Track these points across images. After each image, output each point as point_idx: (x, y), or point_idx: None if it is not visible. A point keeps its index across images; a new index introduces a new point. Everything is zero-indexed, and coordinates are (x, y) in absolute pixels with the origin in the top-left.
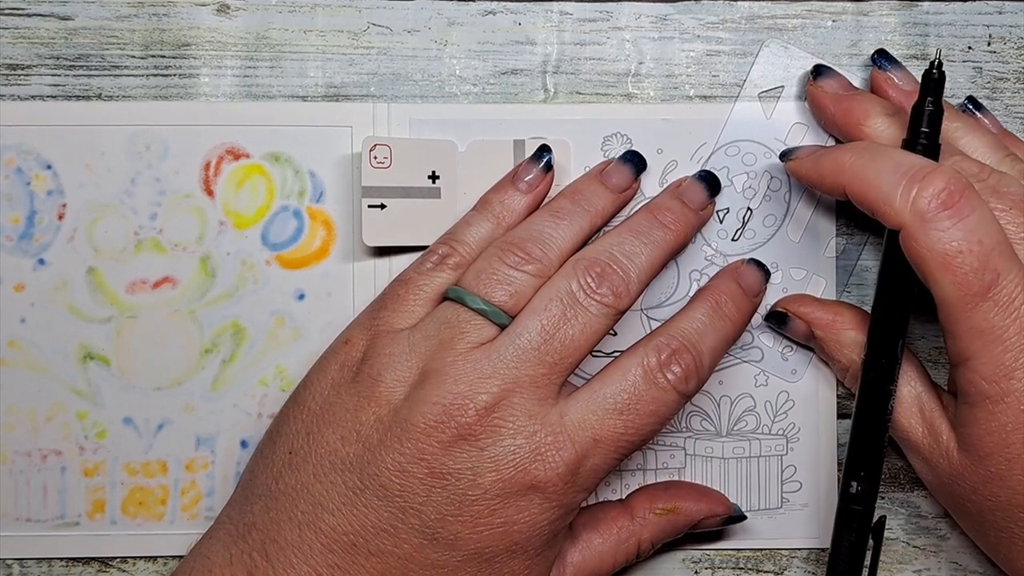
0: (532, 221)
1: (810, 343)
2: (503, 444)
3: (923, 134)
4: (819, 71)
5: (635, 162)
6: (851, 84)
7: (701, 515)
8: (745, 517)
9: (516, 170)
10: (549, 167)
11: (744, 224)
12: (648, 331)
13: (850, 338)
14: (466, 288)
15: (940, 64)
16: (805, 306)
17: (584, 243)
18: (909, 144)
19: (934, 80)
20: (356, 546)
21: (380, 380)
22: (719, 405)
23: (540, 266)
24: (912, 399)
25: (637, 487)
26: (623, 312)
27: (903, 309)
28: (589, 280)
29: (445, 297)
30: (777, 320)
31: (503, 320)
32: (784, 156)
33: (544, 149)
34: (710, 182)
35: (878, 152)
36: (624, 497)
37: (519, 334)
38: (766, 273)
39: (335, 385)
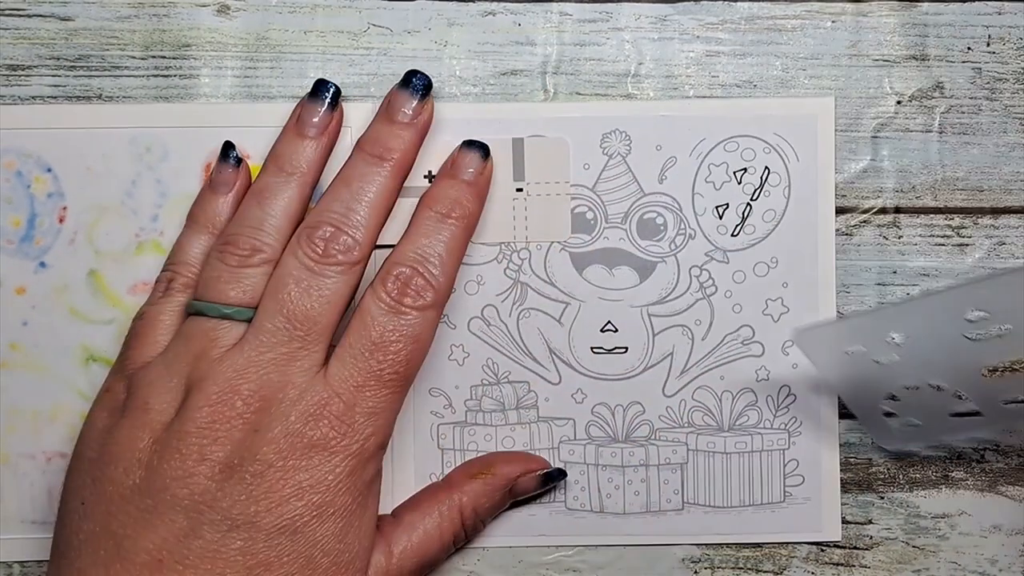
0: (240, 212)
1: None
2: (274, 419)
3: None
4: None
5: (322, 93)
6: None
7: (516, 473)
8: (565, 474)
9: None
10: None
11: (743, 219)
12: (650, 329)
13: None
14: (201, 299)
15: None
16: None
17: (306, 203)
18: None
19: None
20: (163, 562)
21: (148, 408)
22: (720, 400)
23: (263, 255)
24: None
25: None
26: (361, 261)
27: None
28: (312, 249)
29: (187, 315)
30: None
31: (246, 315)
32: None
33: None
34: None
35: None
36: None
37: (262, 321)
38: (481, 148)
39: (107, 429)
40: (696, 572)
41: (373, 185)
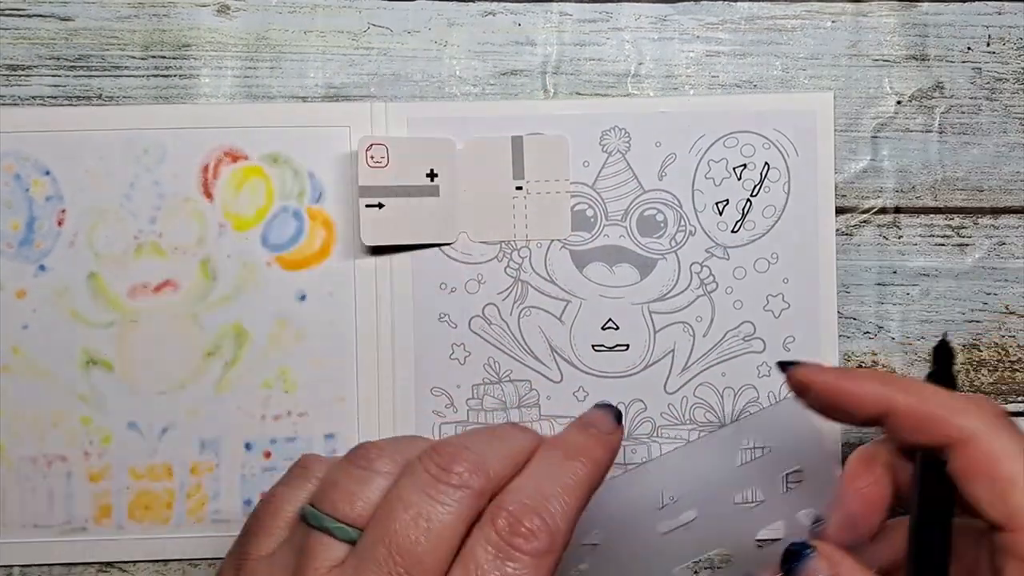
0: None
1: None
2: None
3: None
4: (784, 366)
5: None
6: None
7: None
8: None
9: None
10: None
11: (744, 216)
12: (651, 326)
13: None
14: (314, 503)
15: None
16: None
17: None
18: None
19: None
20: None
21: None
22: (722, 397)
23: (389, 466)
24: None
25: None
26: (483, 494)
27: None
28: (433, 465)
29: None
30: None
31: (349, 536)
32: (785, 366)
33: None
34: None
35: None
36: None
37: (363, 548)
38: (614, 411)
39: None
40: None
41: (535, 457)
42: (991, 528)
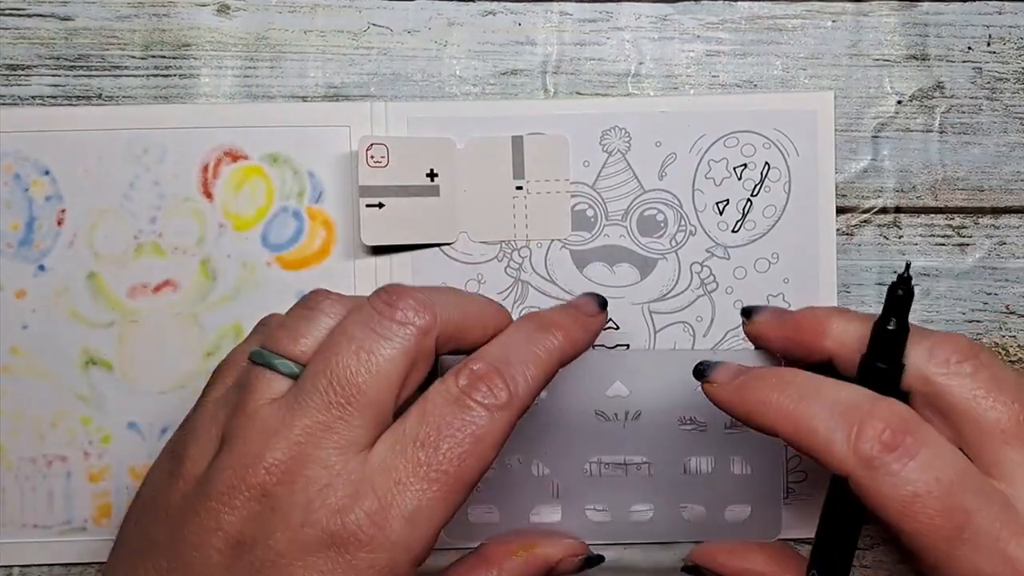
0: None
1: None
2: (296, 501)
3: (882, 357)
4: (748, 311)
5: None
6: (784, 309)
7: (558, 556)
8: (603, 559)
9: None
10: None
11: (744, 215)
12: (651, 326)
13: None
14: (263, 345)
15: (909, 279)
16: (717, 558)
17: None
18: (866, 364)
19: (899, 297)
20: None
21: (185, 456)
22: None
23: (338, 307)
24: None
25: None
26: (430, 332)
27: (850, 548)
28: (380, 302)
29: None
30: (692, 573)
31: (292, 370)
32: (700, 374)
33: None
34: None
35: (806, 388)
36: (474, 551)
37: (304, 380)
38: (599, 300)
39: (160, 466)
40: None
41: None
42: None
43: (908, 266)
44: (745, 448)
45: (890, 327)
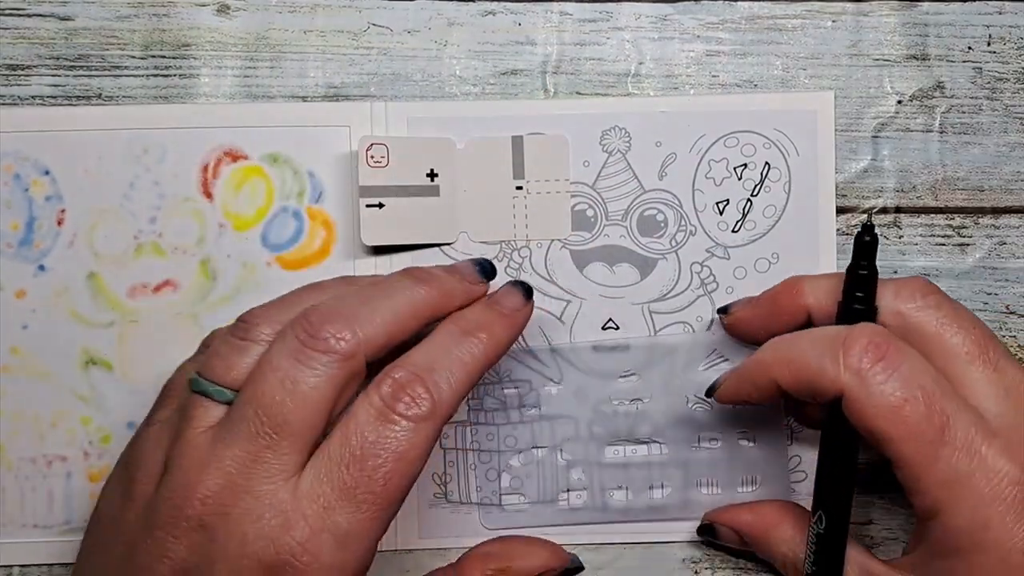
0: (336, 297)
1: (745, 547)
2: (231, 532)
3: (858, 298)
4: (723, 308)
5: (527, 291)
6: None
7: (535, 571)
8: (583, 568)
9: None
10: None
11: (744, 215)
12: (651, 326)
13: (779, 534)
14: (199, 371)
15: (872, 227)
16: (729, 514)
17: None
18: (844, 307)
19: (867, 243)
20: None
21: (136, 478)
22: None
23: (267, 332)
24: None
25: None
26: (353, 357)
27: (848, 485)
28: (302, 332)
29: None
30: (707, 533)
31: (226, 398)
32: (710, 392)
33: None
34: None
35: (792, 338)
36: (456, 561)
37: (233, 409)
38: (524, 288)
39: (115, 482)
40: (696, 572)
41: (405, 299)
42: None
43: (871, 214)
44: (744, 423)
45: (862, 271)
